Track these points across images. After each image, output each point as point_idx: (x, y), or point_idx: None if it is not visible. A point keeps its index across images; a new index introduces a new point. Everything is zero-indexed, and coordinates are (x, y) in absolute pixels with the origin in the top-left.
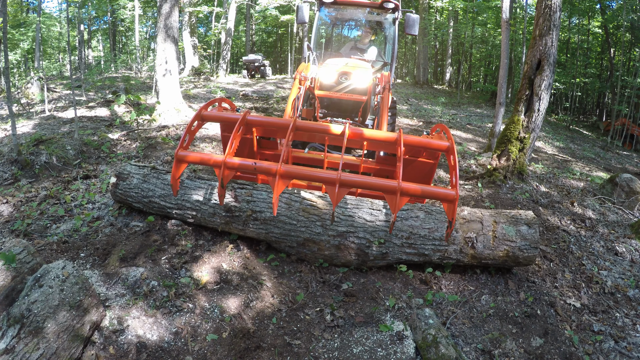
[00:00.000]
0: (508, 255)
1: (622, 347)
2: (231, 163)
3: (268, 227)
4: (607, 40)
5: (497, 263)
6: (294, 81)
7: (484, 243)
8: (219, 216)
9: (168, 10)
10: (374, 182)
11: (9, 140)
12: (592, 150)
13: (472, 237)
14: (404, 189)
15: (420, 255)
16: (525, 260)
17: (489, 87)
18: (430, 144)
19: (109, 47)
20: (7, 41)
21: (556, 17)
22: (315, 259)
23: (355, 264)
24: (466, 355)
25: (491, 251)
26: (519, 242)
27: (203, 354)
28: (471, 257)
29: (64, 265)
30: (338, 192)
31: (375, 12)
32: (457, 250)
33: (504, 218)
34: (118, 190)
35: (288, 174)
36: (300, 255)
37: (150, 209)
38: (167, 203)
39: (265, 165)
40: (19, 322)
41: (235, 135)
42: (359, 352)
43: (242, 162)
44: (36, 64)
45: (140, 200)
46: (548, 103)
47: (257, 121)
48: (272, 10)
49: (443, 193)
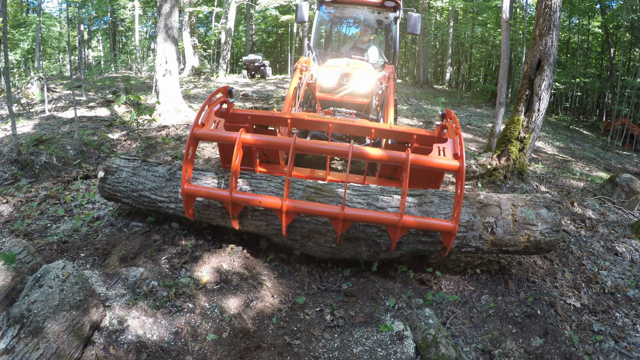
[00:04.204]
0: (529, 240)
1: (622, 347)
2: (238, 198)
3: (269, 218)
4: (607, 40)
5: (518, 250)
6: (294, 72)
7: (504, 228)
8: (214, 208)
9: (168, 10)
10: (376, 217)
11: (9, 140)
12: (592, 150)
13: (492, 222)
14: (404, 223)
15: (437, 243)
16: (547, 245)
17: (489, 87)
18: (440, 165)
19: (109, 47)
20: (7, 41)
21: (556, 17)
22: (322, 252)
23: (366, 256)
24: (466, 355)
25: (512, 236)
26: (540, 225)
27: (203, 354)
28: (491, 244)
29: (64, 265)
30: (342, 225)
31: (376, 10)
32: (476, 237)
33: (521, 202)
34: (106, 185)
35: (294, 209)
36: (305, 249)
37: (140, 203)
38: (157, 196)
39: (270, 201)
40: (19, 322)
41: (234, 164)
42: (359, 352)
43: (248, 198)
44: (36, 64)
45: (129, 194)
46: (548, 103)
47: (254, 141)
48: (272, 10)
49: (442, 225)
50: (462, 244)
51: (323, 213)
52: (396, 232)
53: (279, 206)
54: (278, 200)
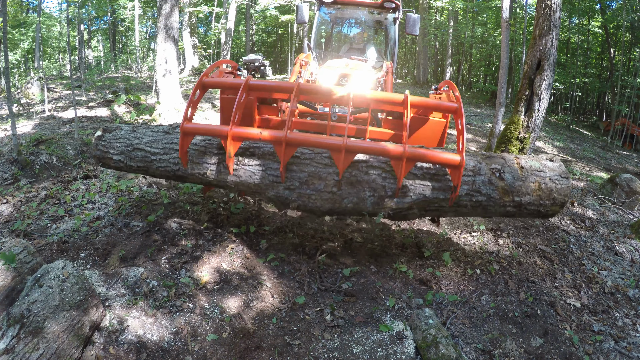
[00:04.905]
0: (540, 187)
1: (622, 347)
2: (237, 133)
3: (266, 162)
4: (607, 40)
5: (532, 201)
6: (294, 66)
7: (512, 174)
8: (209, 155)
9: (168, 10)
10: (379, 148)
11: (9, 140)
12: (592, 150)
13: (498, 168)
14: (409, 154)
15: (447, 190)
16: (559, 194)
17: (489, 87)
18: (439, 105)
19: (109, 47)
20: (7, 41)
21: (556, 17)
22: (322, 201)
23: (370, 204)
24: (466, 355)
25: (522, 182)
26: (548, 172)
27: (203, 354)
28: (502, 191)
29: (64, 265)
30: (344, 158)
31: (376, 11)
32: (486, 182)
33: (524, 157)
34: (101, 143)
35: (295, 141)
36: (302, 200)
37: (131, 159)
38: (152, 149)
39: (270, 134)
40: (19, 322)
41: (239, 104)
42: (359, 352)
43: (248, 132)
44: (36, 64)
45: (123, 150)
46: (548, 103)
47: (260, 85)
48: (272, 10)
49: (448, 159)
50: (472, 190)
51: (324, 144)
52: (402, 166)
53: (279, 137)
54: (279, 132)
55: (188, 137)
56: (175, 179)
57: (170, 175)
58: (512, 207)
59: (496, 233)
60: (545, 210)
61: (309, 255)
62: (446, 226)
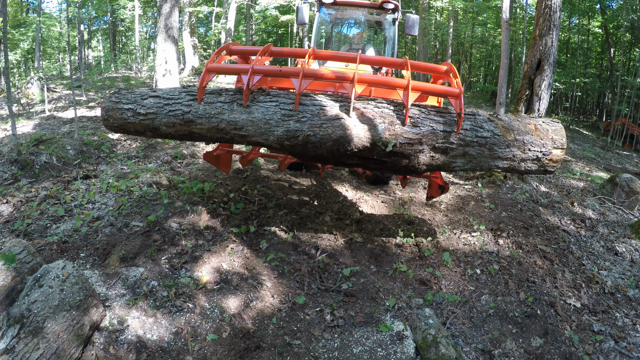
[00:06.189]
0: (537, 128)
1: (622, 347)
2: (259, 69)
3: (280, 99)
4: (607, 40)
5: (533, 141)
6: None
7: (507, 117)
8: (225, 95)
9: (168, 10)
10: (388, 81)
11: (9, 140)
12: (592, 150)
13: (494, 113)
14: (414, 87)
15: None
16: (557, 135)
17: (489, 87)
18: (433, 67)
19: (109, 47)
20: (7, 41)
21: (556, 17)
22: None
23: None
24: (466, 355)
25: (519, 122)
26: (540, 119)
27: (203, 354)
28: (503, 129)
29: (64, 265)
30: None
31: (375, 12)
32: (485, 119)
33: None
34: (115, 95)
35: (311, 73)
36: (312, 130)
37: (141, 107)
38: (168, 95)
39: (290, 70)
40: (19, 322)
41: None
42: (359, 352)
43: (269, 68)
44: (36, 64)
45: (135, 99)
46: (548, 103)
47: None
48: (272, 10)
49: (449, 90)
50: (475, 126)
51: (337, 77)
52: (407, 95)
53: (297, 70)
54: (297, 69)
55: (210, 74)
56: (182, 125)
57: (177, 122)
58: (517, 148)
59: (496, 233)
60: (549, 153)
61: (309, 255)
62: (446, 226)
